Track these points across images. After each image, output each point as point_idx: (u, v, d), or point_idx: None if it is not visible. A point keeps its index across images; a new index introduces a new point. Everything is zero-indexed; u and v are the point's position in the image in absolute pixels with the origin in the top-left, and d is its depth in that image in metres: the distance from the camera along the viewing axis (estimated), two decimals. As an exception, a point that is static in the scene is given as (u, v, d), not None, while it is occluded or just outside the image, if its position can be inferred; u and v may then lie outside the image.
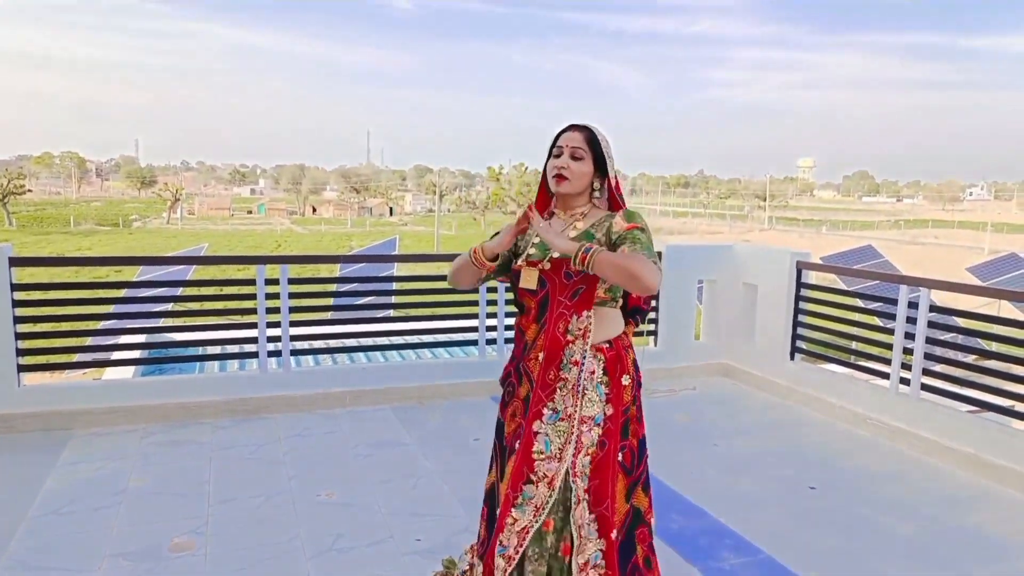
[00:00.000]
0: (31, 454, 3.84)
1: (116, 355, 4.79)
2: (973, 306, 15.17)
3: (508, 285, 2.34)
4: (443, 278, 4.94)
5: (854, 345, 5.28)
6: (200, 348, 6.18)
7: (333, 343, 5.00)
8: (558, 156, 2.19)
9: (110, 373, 5.65)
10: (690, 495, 3.50)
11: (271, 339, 4.65)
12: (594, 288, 2.16)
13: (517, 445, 2.16)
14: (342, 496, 3.42)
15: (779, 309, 5.21)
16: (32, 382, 4.34)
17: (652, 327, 5.57)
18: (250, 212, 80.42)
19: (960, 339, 4.89)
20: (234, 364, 6.26)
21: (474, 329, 5.21)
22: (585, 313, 2.15)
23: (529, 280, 2.18)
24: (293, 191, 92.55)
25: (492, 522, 2.23)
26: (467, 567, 2.41)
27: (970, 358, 6.15)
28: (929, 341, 4.25)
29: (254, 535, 3.02)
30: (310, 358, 6.80)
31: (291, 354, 4.71)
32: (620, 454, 2.14)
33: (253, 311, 4.62)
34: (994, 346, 7.79)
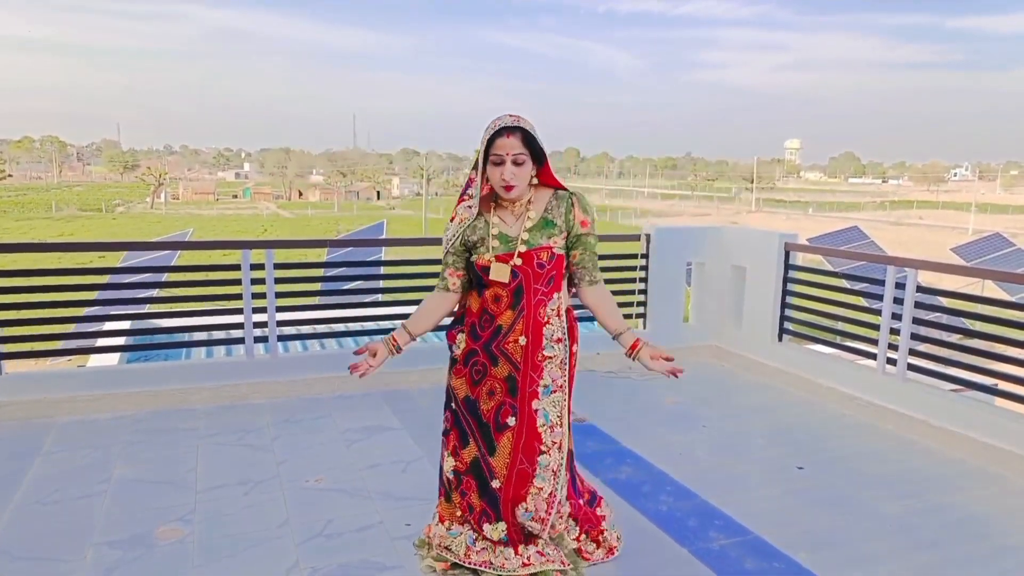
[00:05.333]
0: (14, 443, 3.80)
1: (100, 342, 4.74)
2: (958, 286, 15.33)
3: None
4: (432, 262, 4.92)
5: (841, 326, 5.31)
6: (186, 334, 6.14)
7: (321, 328, 4.96)
8: (499, 164, 2.27)
9: (94, 360, 5.61)
10: (679, 477, 3.51)
11: (258, 325, 4.61)
12: (562, 272, 2.43)
13: (511, 421, 2.38)
14: (331, 482, 3.41)
15: (767, 291, 5.22)
16: (15, 370, 4.28)
17: (642, 310, 5.58)
18: (235, 196, 79.71)
19: (945, 319, 4.93)
20: (221, 350, 6.22)
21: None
22: (556, 295, 2.42)
23: (501, 274, 2.35)
24: (279, 175, 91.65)
25: (485, 491, 2.44)
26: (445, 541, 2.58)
27: (954, 338, 6.21)
28: (915, 321, 4.27)
29: (242, 521, 3.01)
30: (298, 343, 6.76)
31: (278, 340, 4.68)
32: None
33: (239, 296, 4.57)
34: (978, 325, 7.90)
